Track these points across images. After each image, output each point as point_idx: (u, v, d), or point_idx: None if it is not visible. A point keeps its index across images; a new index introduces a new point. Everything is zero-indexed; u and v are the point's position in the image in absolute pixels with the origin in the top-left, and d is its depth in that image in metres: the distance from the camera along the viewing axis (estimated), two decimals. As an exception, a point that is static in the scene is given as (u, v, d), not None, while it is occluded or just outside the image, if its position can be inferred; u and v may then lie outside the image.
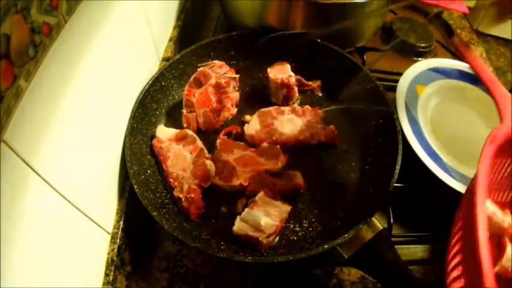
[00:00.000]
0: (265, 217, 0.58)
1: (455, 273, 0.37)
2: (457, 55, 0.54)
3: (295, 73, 0.75)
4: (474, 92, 0.81)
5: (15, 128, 0.36)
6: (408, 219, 0.69)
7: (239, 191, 0.64)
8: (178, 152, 0.67)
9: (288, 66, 0.75)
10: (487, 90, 0.50)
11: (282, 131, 0.70)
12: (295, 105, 0.76)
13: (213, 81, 0.71)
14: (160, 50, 0.83)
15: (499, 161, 0.47)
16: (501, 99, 0.47)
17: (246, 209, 0.59)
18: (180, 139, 0.69)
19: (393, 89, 0.76)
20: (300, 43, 0.79)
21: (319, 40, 0.78)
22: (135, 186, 0.59)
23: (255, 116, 0.72)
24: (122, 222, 0.59)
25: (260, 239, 0.56)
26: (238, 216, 0.58)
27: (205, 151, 0.67)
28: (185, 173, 0.65)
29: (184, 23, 0.94)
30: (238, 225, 0.57)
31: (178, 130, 0.70)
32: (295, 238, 0.61)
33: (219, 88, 0.71)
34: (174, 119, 0.74)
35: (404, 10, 1.09)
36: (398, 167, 0.60)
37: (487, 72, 0.51)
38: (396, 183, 0.59)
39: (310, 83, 0.79)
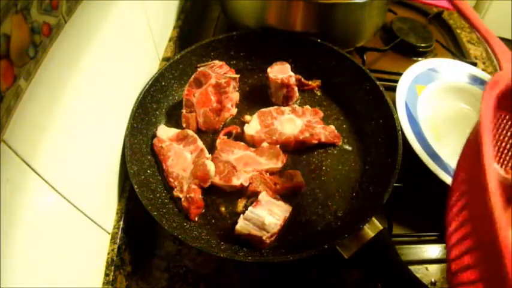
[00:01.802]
0: (269, 216, 0.58)
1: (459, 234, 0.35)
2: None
3: (295, 73, 0.75)
4: (474, 92, 0.81)
5: (15, 128, 0.36)
6: (408, 219, 0.69)
7: (239, 191, 0.64)
8: (179, 152, 0.67)
9: (288, 66, 0.75)
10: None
11: (282, 131, 0.70)
12: (295, 105, 0.76)
13: (213, 81, 0.71)
14: (160, 50, 0.83)
15: (497, 116, 0.46)
16: (498, 48, 0.47)
17: (250, 208, 0.59)
18: (180, 139, 0.69)
19: (393, 89, 0.76)
20: (300, 43, 0.79)
21: (319, 40, 0.78)
22: (135, 186, 0.59)
23: (255, 116, 0.72)
24: (122, 222, 0.59)
25: (263, 238, 0.56)
26: (241, 215, 0.58)
27: (206, 151, 0.67)
28: (185, 173, 0.65)
29: (184, 23, 0.94)
30: (242, 224, 0.57)
31: (179, 130, 0.70)
32: (295, 238, 0.61)
33: (219, 88, 0.71)
34: (174, 119, 0.74)
35: (404, 10, 1.09)
36: (398, 167, 0.60)
37: (483, 24, 0.51)
38: (396, 183, 0.59)
39: (310, 82, 0.79)
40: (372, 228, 0.56)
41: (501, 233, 0.28)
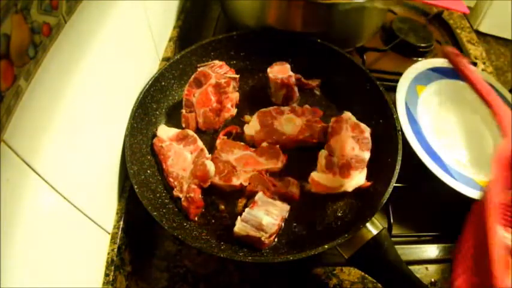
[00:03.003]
0: (266, 216, 0.58)
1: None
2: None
3: (295, 73, 0.75)
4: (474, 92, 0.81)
5: (15, 128, 0.36)
6: (408, 219, 0.69)
7: (239, 191, 0.64)
8: (179, 152, 0.67)
9: (288, 66, 0.75)
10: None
11: (282, 131, 0.70)
12: (295, 104, 0.76)
13: (213, 81, 0.71)
14: (160, 50, 0.83)
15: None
16: (502, 115, 0.46)
17: (247, 209, 0.59)
18: (181, 139, 0.69)
19: (393, 89, 0.76)
20: (300, 43, 0.79)
21: (319, 40, 0.78)
22: (135, 186, 0.59)
23: (255, 116, 0.72)
24: (122, 222, 0.59)
25: (262, 238, 0.56)
26: (238, 217, 0.58)
27: (206, 151, 0.67)
28: (185, 173, 0.65)
29: (184, 23, 0.94)
30: (239, 226, 0.57)
31: (179, 130, 0.70)
32: (295, 238, 0.61)
33: (219, 88, 0.71)
34: (174, 119, 0.74)
35: (404, 10, 1.09)
36: (398, 167, 0.60)
37: (485, 85, 0.49)
38: (396, 183, 0.59)
39: (309, 82, 0.79)
40: (371, 228, 0.56)
41: None
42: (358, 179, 0.63)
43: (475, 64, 0.91)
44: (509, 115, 0.45)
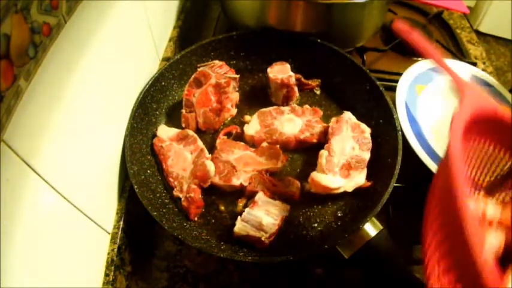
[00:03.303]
0: (266, 216, 0.58)
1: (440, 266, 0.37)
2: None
3: (295, 73, 0.75)
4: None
5: (15, 128, 0.36)
6: (408, 219, 0.69)
7: (239, 191, 0.64)
8: (179, 152, 0.67)
9: (288, 66, 0.75)
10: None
11: (282, 131, 0.70)
12: (295, 104, 0.76)
13: (213, 81, 0.71)
14: (160, 50, 0.83)
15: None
16: (458, 81, 0.47)
17: (247, 209, 0.59)
18: (181, 139, 0.69)
19: (393, 89, 0.76)
20: (300, 43, 0.79)
21: (319, 40, 0.78)
22: (135, 186, 0.59)
23: (255, 117, 0.72)
24: (122, 222, 0.59)
25: (262, 238, 0.56)
26: (239, 217, 0.58)
27: (206, 151, 0.67)
28: (185, 173, 0.65)
29: (184, 23, 0.94)
30: (239, 226, 0.57)
31: (179, 130, 0.71)
32: (295, 238, 0.61)
33: (219, 88, 0.71)
34: (174, 119, 0.74)
35: (405, 10, 1.09)
36: (398, 167, 0.60)
37: (439, 55, 0.50)
38: (396, 183, 0.59)
39: (309, 82, 0.79)
40: (372, 228, 0.56)
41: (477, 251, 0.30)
42: (358, 179, 0.63)
43: (475, 64, 0.90)
44: (463, 81, 0.46)
